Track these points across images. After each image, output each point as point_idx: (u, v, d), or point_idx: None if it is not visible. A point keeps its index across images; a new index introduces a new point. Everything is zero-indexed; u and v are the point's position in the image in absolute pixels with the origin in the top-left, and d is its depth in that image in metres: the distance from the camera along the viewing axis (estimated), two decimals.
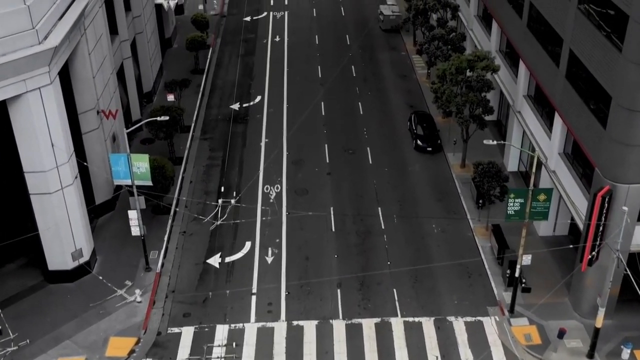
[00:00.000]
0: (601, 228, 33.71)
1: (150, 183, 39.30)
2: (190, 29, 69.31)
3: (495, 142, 36.12)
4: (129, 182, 38.85)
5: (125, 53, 52.29)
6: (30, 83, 34.58)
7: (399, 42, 69.94)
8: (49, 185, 37.22)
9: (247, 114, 57.65)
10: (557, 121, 40.56)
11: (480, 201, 44.50)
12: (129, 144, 50.77)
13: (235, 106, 58.79)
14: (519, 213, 35.39)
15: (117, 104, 47.72)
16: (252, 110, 58.19)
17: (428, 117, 54.45)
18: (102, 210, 45.61)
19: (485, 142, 36.21)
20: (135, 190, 38.85)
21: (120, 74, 52.24)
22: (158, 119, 39.34)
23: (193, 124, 55.58)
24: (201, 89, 60.93)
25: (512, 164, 49.97)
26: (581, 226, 37.03)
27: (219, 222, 43.61)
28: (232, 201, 45.08)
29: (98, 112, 43.32)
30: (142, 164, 38.24)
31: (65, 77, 40.61)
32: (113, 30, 50.37)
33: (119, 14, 50.63)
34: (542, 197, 34.90)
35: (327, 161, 51.42)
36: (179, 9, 75.11)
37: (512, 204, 35.25)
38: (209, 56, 66.59)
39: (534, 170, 34.82)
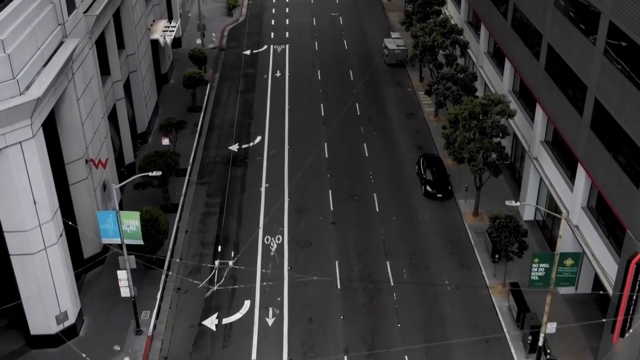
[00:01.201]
0: (635, 297, 30.67)
1: (141, 242, 36.27)
2: (188, 64, 66.68)
3: (518, 204, 33.13)
4: (118, 240, 35.83)
5: (118, 94, 49.50)
6: (10, 137, 31.71)
7: (405, 78, 67.28)
8: (31, 245, 34.23)
9: (247, 156, 54.77)
10: (581, 173, 37.68)
11: (497, 256, 41.50)
12: (121, 189, 48.03)
13: (234, 147, 55.94)
14: (544, 279, 32.37)
15: (108, 150, 44.85)
16: (251, 152, 55.32)
17: (437, 161, 51.59)
18: (91, 265, 42.56)
19: (507, 203, 33.28)
20: (125, 249, 35.83)
21: (113, 116, 49.44)
22: (150, 174, 36.34)
23: (189, 167, 52.69)
24: (198, 128, 58.13)
25: (527, 212, 47.00)
26: (609, 289, 33.99)
27: (215, 288, 40.48)
28: (230, 263, 41.97)
29: (87, 161, 40.43)
30: (132, 221, 35.25)
31: (51, 125, 37.79)
32: (105, 70, 47.67)
33: (111, 54, 47.93)
34: (569, 262, 31.91)
35: (331, 209, 48.44)
36: (176, 42, 72.51)
37: (535, 269, 32.25)
38: (207, 93, 63.89)
39: (560, 233, 31.79)
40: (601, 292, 35.01)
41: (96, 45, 44.15)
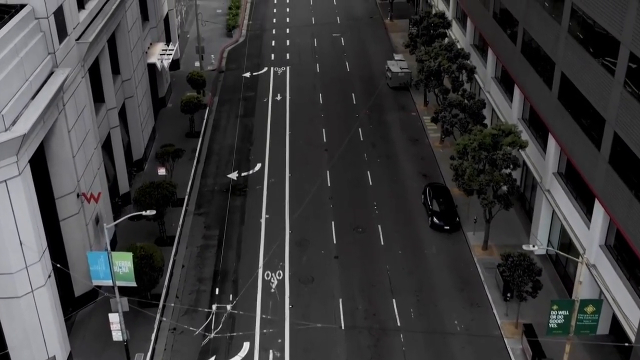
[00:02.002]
0: None
1: (134, 284, 34.26)
2: (186, 86, 64.85)
3: (536, 247, 31.17)
4: (109, 283, 33.83)
5: (113, 122, 47.65)
6: None
7: (409, 101, 65.49)
8: (17, 288, 32.23)
9: (246, 185, 52.85)
10: (598, 209, 35.72)
11: (508, 294, 39.49)
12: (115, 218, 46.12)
13: (233, 175, 54.02)
14: (563, 327, 30.37)
15: (102, 182, 42.94)
16: (251, 180, 53.40)
17: (444, 190, 49.66)
18: (83, 302, 40.52)
19: (524, 247, 31.28)
20: (117, 292, 33.83)
21: (107, 145, 47.57)
22: (143, 213, 34.41)
23: (187, 197, 50.76)
24: (196, 155, 56.24)
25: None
26: (631, 336, 31.98)
27: (212, 336, 38.38)
28: (228, 307, 39.89)
29: (78, 195, 38.49)
30: (124, 262, 33.26)
31: (40, 158, 35.89)
32: (99, 98, 45.86)
33: (106, 81, 46.11)
34: (589, 309, 29.93)
35: (334, 241, 46.45)
36: (175, 64, 70.77)
37: (554, 317, 30.26)
38: (205, 117, 62.09)
39: (579, 279, 29.80)
40: (625, 344, 32.96)
41: (90, 72, 42.42)
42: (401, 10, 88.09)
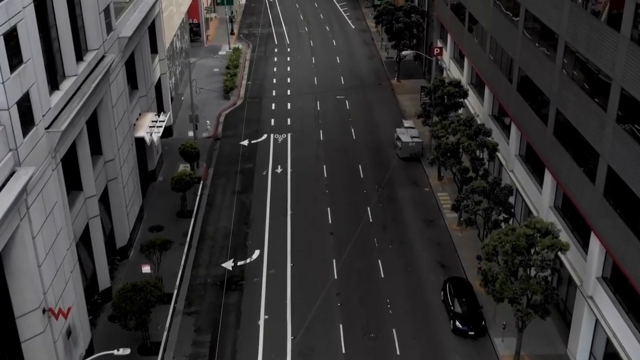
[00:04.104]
0: None
1: None
2: (179, 157, 59.46)
3: None
4: None
5: (92, 211, 42.05)
6: None
7: (421, 175, 60.07)
8: None
9: (243, 277, 47.06)
10: None
11: None
12: (94, 323, 40.69)
13: (229, 265, 48.28)
14: None
15: (76, 288, 37.12)
16: (248, 271, 47.63)
17: (467, 287, 43.90)
18: None
19: None
20: None
21: (85, 237, 41.96)
22: (115, 352, 28.59)
23: (175, 292, 44.95)
24: (188, 239, 50.56)
25: (581, 355, 39.00)
26: None
27: None
28: None
29: (44, 311, 32.72)
30: None
31: None
32: (75, 185, 40.41)
33: (84, 166, 40.66)
34: None
35: (343, 350, 40.49)
36: (167, 130, 65.41)
37: None
38: (199, 193, 56.58)
39: None
40: None
41: (65, 157, 37.04)
42: (409, 70, 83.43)
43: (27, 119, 31.58)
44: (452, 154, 49.18)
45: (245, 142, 66.60)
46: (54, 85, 36.30)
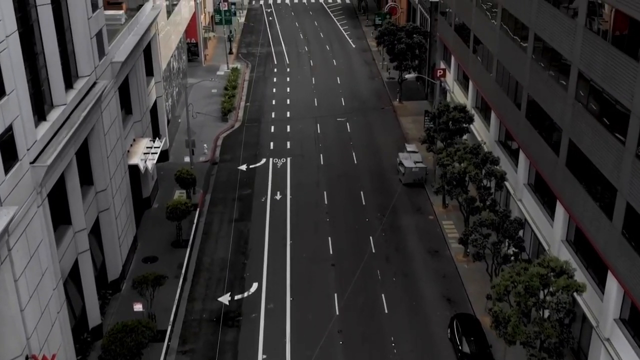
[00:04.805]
0: None
1: None
2: (175, 183, 57.50)
3: None
4: None
5: (82, 245, 40.04)
6: None
7: (425, 202, 58.09)
8: None
9: (240, 312, 44.96)
10: None
11: None
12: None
13: (225, 299, 46.20)
14: None
15: (63, 330, 35.03)
16: (246, 306, 45.54)
17: (475, 324, 41.80)
18: None
19: None
20: None
21: (74, 273, 39.94)
22: None
23: (169, 328, 42.79)
24: (183, 271, 48.48)
25: None
26: None
27: None
28: None
29: (27, 359, 30.65)
30: None
31: None
32: (64, 219, 38.44)
33: (73, 199, 38.65)
34: None
35: None
36: (163, 155, 63.51)
37: None
38: (195, 221, 54.53)
39: None
40: None
41: (53, 192, 35.14)
42: (411, 91, 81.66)
43: (9, 154, 29.69)
44: (458, 183, 47.23)
45: (244, 167, 64.69)
46: (40, 115, 34.42)
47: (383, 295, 46.39)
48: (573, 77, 37.78)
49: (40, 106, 34.47)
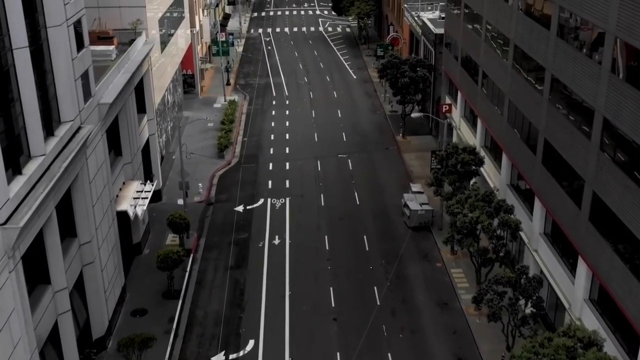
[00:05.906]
0: None
1: None
2: (167, 227, 54.28)
3: None
4: None
5: (62, 306, 36.73)
6: None
7: (432, 248, 54.87)
8: None
9: None
10: None
11: None
12: None
13: (219, 359, 42.78)
14: None
15: None
16: None
17: None
18: None
19: None
20: None
21: (54, 336, 36.56)
22: None
23: None
24: (174, 326, 45.11)
25: None
26: None
27: None
28: None
29: None
30: None
31: None
32: (42, 278, 35.17)
33: (52, 257, 35.45)
34: None
35: None
36: (156, 195, 60.36)
37: None
38: (188, 269, 51.26)
39: None
40: None
41: (29, 250, 31.94)
42: (415, 125, 78.64)
43: None
44: (469, 232, 44.07)
45: (240, 208, 61.52)
46: (15, 169, 31.32)
47: (389, 354, 43.00)
48: (597, 126, 34.76)
49: (15, 159, 31.38)
